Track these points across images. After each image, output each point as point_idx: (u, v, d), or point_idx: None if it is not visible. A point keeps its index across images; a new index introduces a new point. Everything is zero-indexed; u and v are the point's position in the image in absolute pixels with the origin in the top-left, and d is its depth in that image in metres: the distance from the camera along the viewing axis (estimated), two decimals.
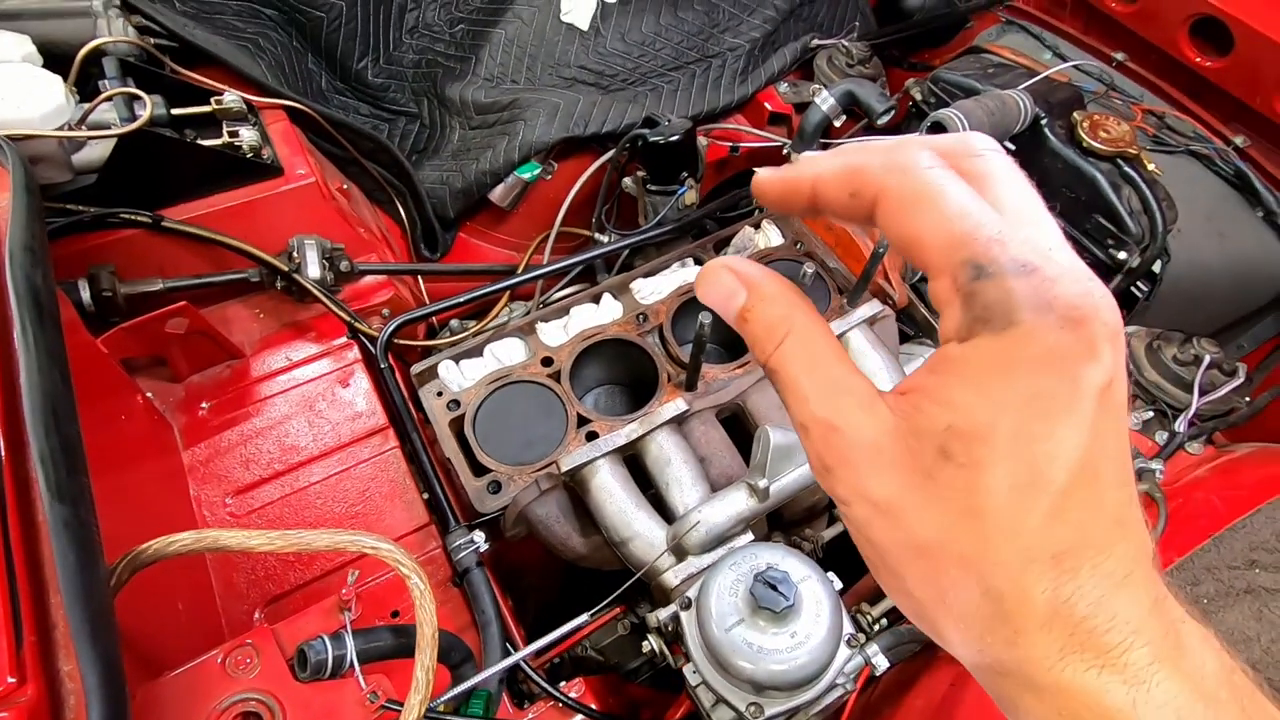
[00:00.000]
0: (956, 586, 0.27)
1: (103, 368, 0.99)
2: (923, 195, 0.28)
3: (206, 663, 0.62)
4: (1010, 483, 0.26)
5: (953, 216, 0.27)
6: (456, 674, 0.78)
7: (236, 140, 1.18)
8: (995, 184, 0.29)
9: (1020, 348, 0.26)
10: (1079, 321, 0.26)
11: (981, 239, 0.26)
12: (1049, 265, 0.26)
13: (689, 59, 1.58)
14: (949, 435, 0.26)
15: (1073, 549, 0.26)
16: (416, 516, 1.10)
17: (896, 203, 0.29)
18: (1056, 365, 0.26)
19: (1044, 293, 0.25)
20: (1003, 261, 0.26)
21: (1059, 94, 1.36)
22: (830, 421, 0.29)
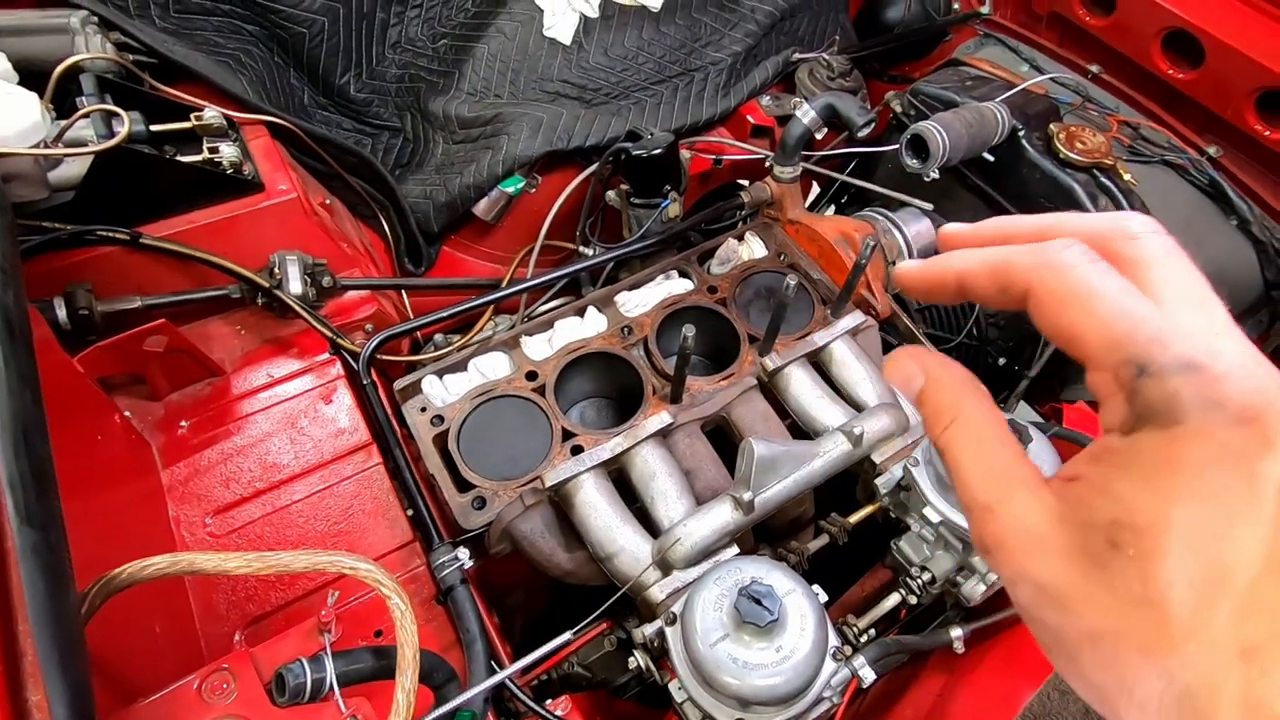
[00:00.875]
0: (1140, 677, 0.26)
1: (78, 387, 0.97)
2: (1077, 295, 0.28)
3: (182, 689, 0.61)
4: (1188, 578, 0.25)
5: (1109, 317, 0.27)
6: (440, 695, 0.77)
7: (217, 156, 1.17)
8: (1153, 270, 0.29)
9: (1190, 446, 0.25)
10: (1252, 418, 0.25)
11: (1141, 339, 0.27)
12: (1216, 361, 0.26)
13: (671, 73, 1.59)
14: (1116, 528, 0.26)
15: (1263, 645, 0.25)
16: (400, 534, 1.08)
17: (1049, 301, 0.29)
18: (1230, 463, 0.25)
19: (1212, 392, 0.25)
20: (1164, 361, 0.26)
21: (1036, 106, 1.38)
22: (990, 505, 0.30)
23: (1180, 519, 0.25)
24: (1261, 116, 1.35)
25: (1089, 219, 0.31)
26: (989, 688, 0.96)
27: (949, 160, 1.25)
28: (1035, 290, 0.29)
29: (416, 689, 0.64)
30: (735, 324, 1.23)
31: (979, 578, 0.91)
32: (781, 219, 1.39)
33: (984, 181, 1.42)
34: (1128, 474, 0.27)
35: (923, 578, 0.94)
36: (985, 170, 1.40)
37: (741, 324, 1.23)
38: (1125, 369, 0.27)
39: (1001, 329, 1.51)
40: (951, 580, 0.95)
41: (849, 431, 0.94)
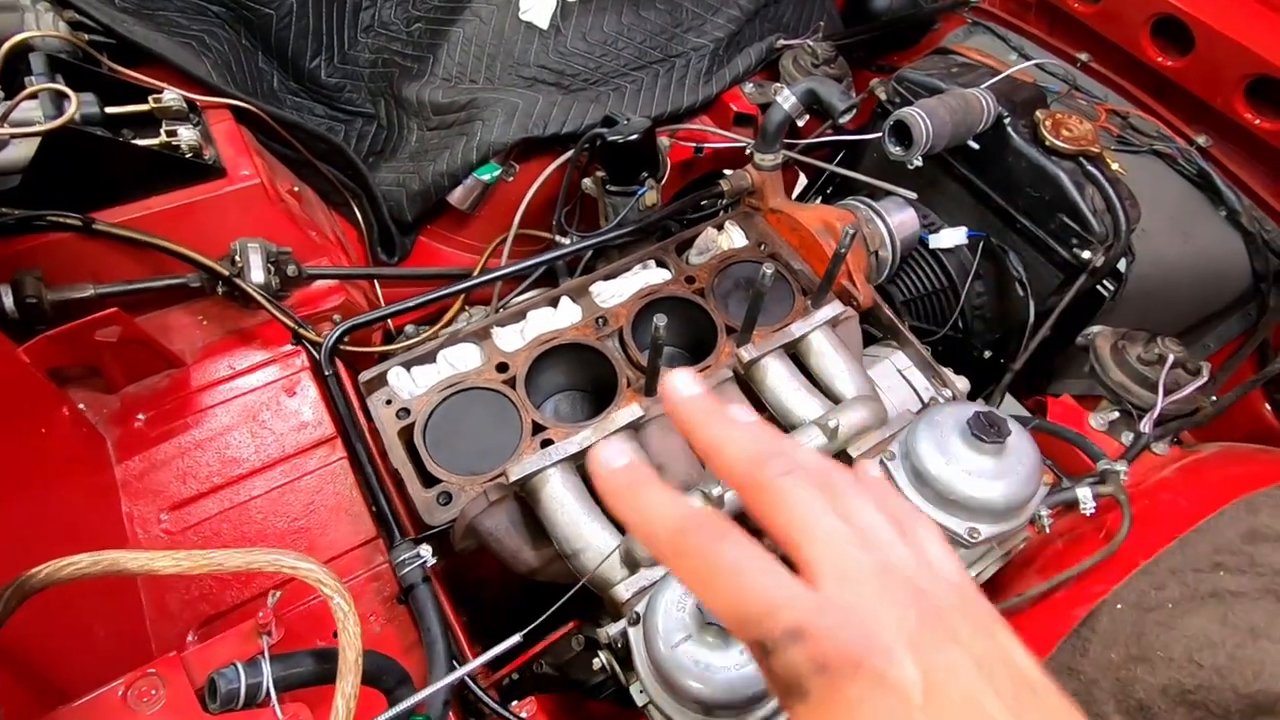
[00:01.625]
0: None
1: (23, 377, 0.93)
2: (701, 579, 0.30)
3: (106, 695, 0.57)
4: None
5: (732, 598, 0.29)
6: (392, 698, 0.74)
7: (175, 140, 1.13)
8: (778, 512, 0.30)
9: (825, 713, 0.27)
10: (856, 663, 0.26)
11: (757, 615, 0.28)
12: (821, 617, 0.27)
13: (652, 58, 1.55)
14: None
15: None
16: (364, 530, 1.05)
17: (689, 584, 0.30)
18: (859, 710, 0.26)
19: (819, 654, 0.27)
20: (777, 635, 0.27)
21: (1022, 93, 1.35)
22: None
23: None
24: (1251, 105, 1.32)
25: (739, 450, 0.32)
26: None
27: (933, 147, 1.22)
28: (679, 570, 0.31)
29: (358, 694, 0.60)
30: (713, 315, 1.20)
31: None
32: (762, 208, 1.36)
33: (969, 170, 1.39)
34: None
35: None
36: (971, 158, 1.37)
37: (719, 315, 1.20)
38: (756, 650, 0.28)
39: (987, 321, 1.49)
40: None
41: (824, 425, 0.91)
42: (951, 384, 1.17)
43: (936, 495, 0.83)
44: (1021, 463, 0.81)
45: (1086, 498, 0.94)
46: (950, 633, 0.28)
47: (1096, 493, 0.96)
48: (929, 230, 1.44)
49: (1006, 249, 1.38)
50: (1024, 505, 0.84)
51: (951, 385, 1.17)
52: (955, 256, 1.45)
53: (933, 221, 1.48)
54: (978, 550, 0.90)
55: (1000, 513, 0.83)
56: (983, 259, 1.41)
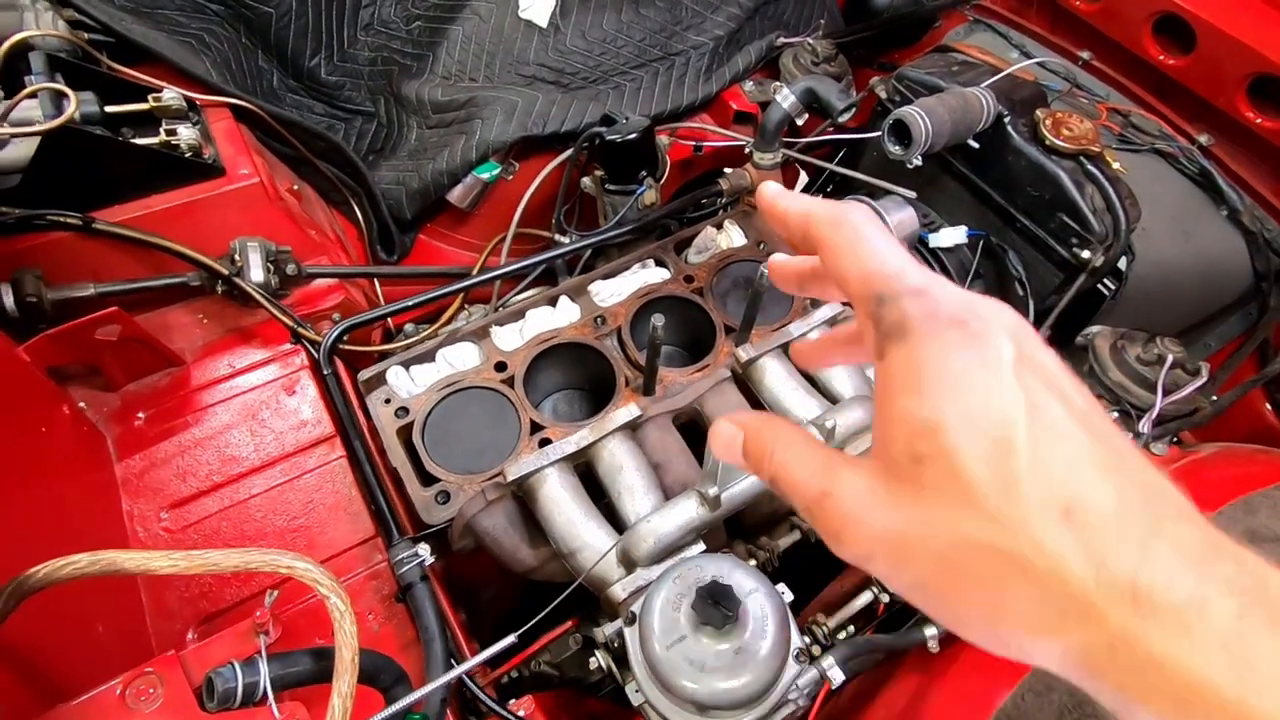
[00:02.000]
0: (1000, 582, 0.27)
1: (23, 376, 0.94)
2: (847, 242, 0.34)
3: (104, 694, 0.58)
4: (983, 456, 0.27)
5: (865, 259, 0.33)
6: (389, 697, 0.74)
7: (174, 139, 1.13)
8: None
9: (922, 348, 0.29)
10: (962, 321, 0.30)
11: (885, 275, 0.32)
12: (937, 289, 0.31)
13: (651, 57, 1.55)
14: (910, 442, 0.29)
15: (1075, 500, 0.26)
16: (362, 529, 1.05)
17: (827, 249, 0.34)
18: (957, 352, 0.29)
19: (930, 306, 0.30)
20: (898, 289, 0.31)
21: (1022, 92, 1.34)
22: (823, 490, 0.32)
23: (947, 410, 0.28)
24: (1253, 104, 1.31)
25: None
26: (962, 688, 0.93)
27: (932, 146, 1.22)
28: (821, 240, 0.35)
29: (354, 693, 0.61)
30: (712, 314, 1.20)
31: None
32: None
33: (969, 169, 1.39)
34: (892, 393, 0.30)
35: None
36: (970, 157, 1.37)
37: (718, 314, 1.20)
38: (870, 301, 0.32)
39: None
40: None
41: (821, 425, 0.91)
42: None
43: None
44: None
45: None
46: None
47: None
48: (929, 229, 1.44)
49: (1006, 248, 1.38)
50: None
51: None
52: (955, 255, 1.45)
53: (932, 220, 1.47)
54: None
55: None
56: (982, 258, 1.41)
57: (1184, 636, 0.24)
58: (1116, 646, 0.25)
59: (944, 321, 0.30)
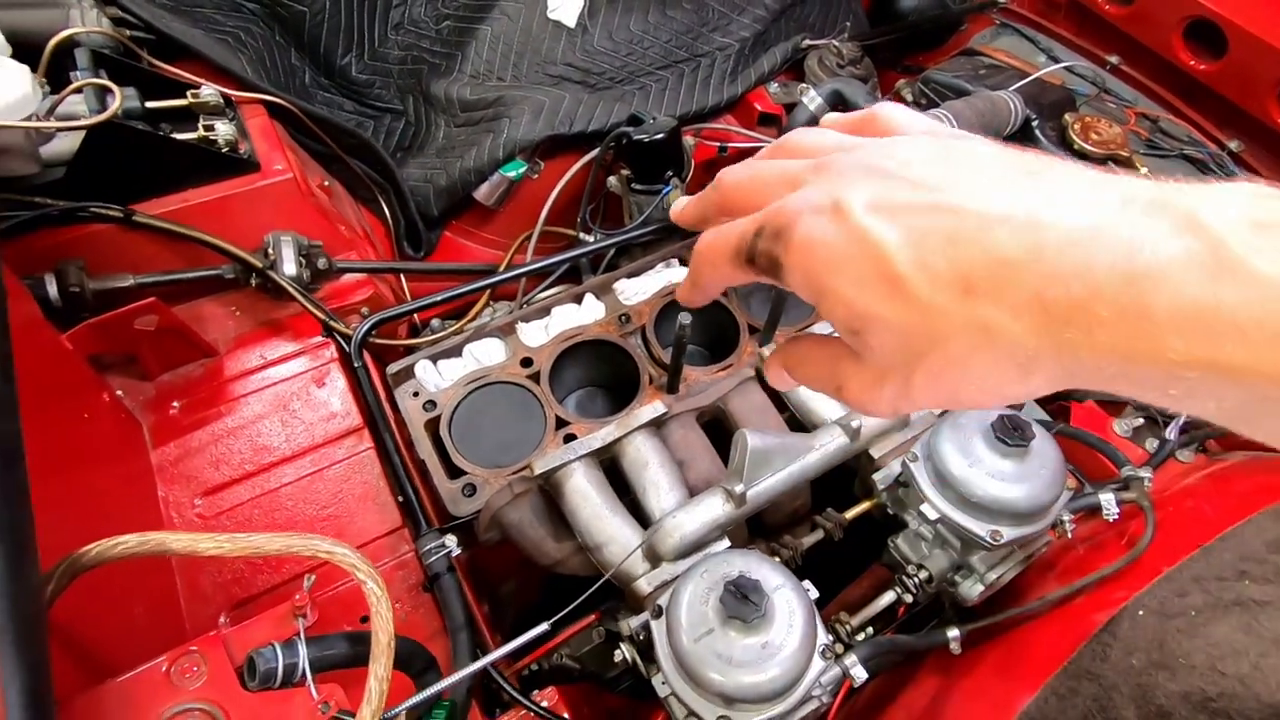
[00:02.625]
0: (967, 355, 0.31)
1: (66, 364, 0.96)
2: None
3: (150, 670, 0.60)
4: (881, 296, 0.32)
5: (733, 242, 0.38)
6: (419, 683, 0.76)
7: (212, 134, 1.16)
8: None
9: (798, 258, 0.34)
10: (789, 218, 0.35)
11: (736, 249, 0.37)
12: (764, 216, 0.36)
13: (678, 58, 1.56)
14: (845, 329, 0.34)
15: (959, 276, 0.30)
16: (390, 519, 1.07)
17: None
18: (814, 237, 0.34)
19: (769, 232, 0.36)
20: (747, 247, 0.37)
21: (1050, 96, 1.34)
22: (836, 386, 0.38)
23: (833, 286, 0.33)
24: None
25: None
26: (985, 690, 0.94)
27: None
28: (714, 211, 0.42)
29: (390, 677, 0.62)
30: (735, 313, 1.20)
31: (977, 577, 0.89)
32: None
33: None
34: (811, 301, 0.36)
35: (919, 576, 0.91)
36: None
37: (742, 314, 1.21)
38: (751, 271, 0.37)
39: None
40: (949, 579, 0.92)
41: (846, 425, 0.92)
42: None
43: (959, 497, 0.84)
44: (1045, 466, 0.81)
45: (1110, 503, 0.94)
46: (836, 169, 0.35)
47: (1120, 499, 0.95)
48: None
49: None
50: (1046, 509, 0.84)
51: None
52: None
53: None
54: (1000, 553, 0.91)
55: (1022, 516, 0.83)
56: None
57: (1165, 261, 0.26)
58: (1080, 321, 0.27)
59: (781, 232, 0.34)
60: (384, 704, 0.61)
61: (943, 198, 0.31)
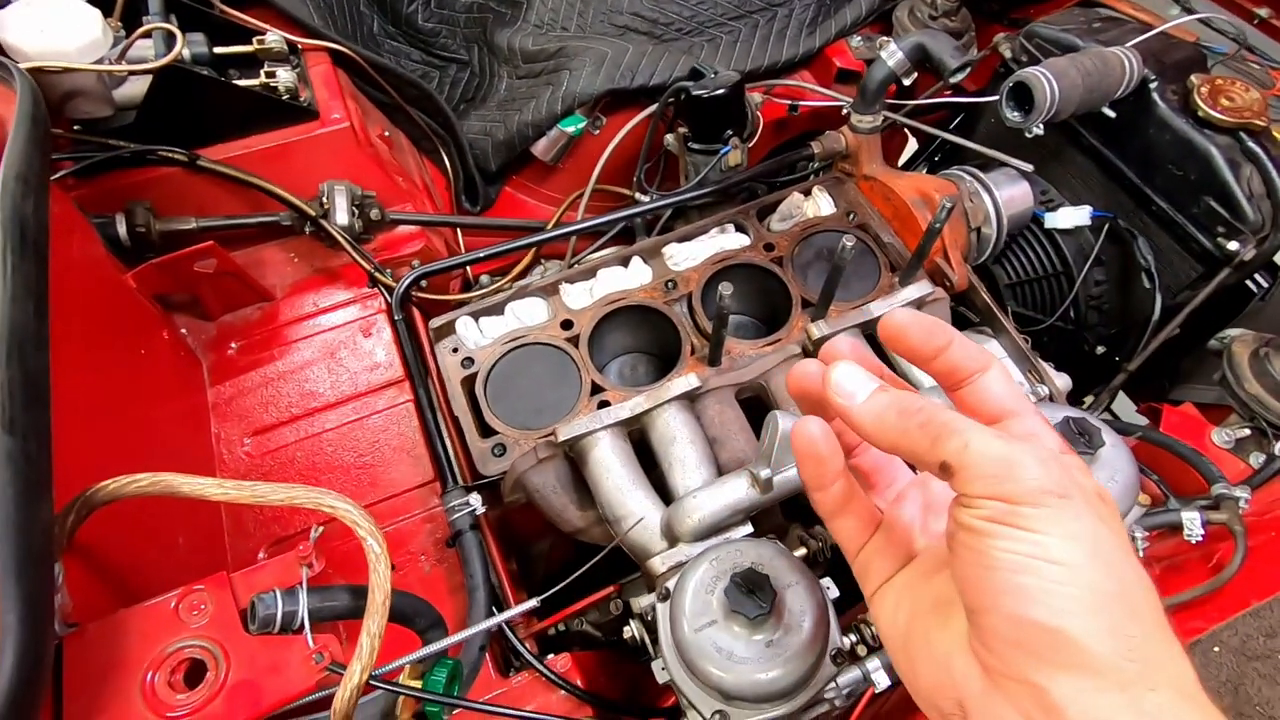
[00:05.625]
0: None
1: (127, 301, 1.01)
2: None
3: (160, 604, 0.62)
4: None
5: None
6: (426, 639, 0.76)
7: (273, 81, 1.17)
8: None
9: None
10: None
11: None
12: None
13: (753, 7, 1.45)
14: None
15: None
16: (423, 472, 1.08)
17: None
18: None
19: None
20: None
21: (1176, 53, 1.17)
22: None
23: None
24: None
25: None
26: None
27: (1058, 114, 1.08)
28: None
29: (383, 634, 0.62)
30: (789, 285, 1.13)
31: None
32: (855, 174, 1.26)
33: (1101, 141, 1.23)
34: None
35: None
36: (1104, 128, 1.21)
37: (796, 286, 1.13)
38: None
39: (1103, 313, 1.33)
40: None
41: None
42: (1050, 380, 1.06)
43: None
44: (1114, 478, 0.72)
45: (1193, 522, 0.83)
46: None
47: (1206, 518, 0.84)
48: (1046, 208, 1.30)
49: (1135, 233, 1.22)
50: None
51: (1049, 382, 1.06)
52: (1074, 239, 1.30)
53: (1052, 198, 1.33)
54: None
55: None
56: (1106, 243, 1.26)
57: None
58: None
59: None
60: (374, 660, 0.61)
61: None
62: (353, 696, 0.60)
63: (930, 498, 0.45)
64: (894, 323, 0.41)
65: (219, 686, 0.59)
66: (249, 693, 0.60)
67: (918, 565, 0.42)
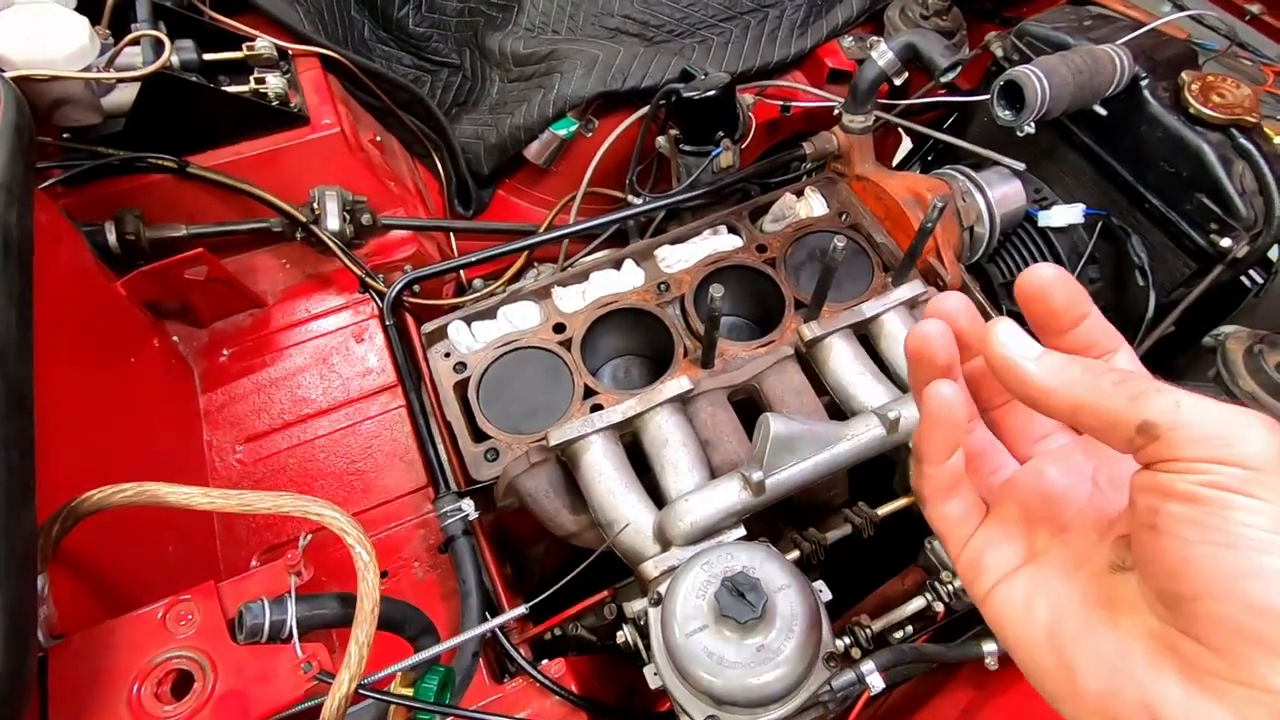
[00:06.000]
0: None
1: (117, 310, 1.00)
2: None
3: (147, 614, 0.62)
4: None
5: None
6: (417, 646, 0.76)
7: (263, 87, 1.17)
8: None
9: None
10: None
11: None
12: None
13: (744, 8, 1.45)
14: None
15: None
16: (416, 478, 1.08)
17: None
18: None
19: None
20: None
21: (1167, 50, 1.17)
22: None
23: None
24: None
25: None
26: (1021, 711, 0.86)
27: (1049, 112, 1.08)
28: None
29: (371, 642, 0.62)
30: (782, 286, 1.13)
31: None
32: (848, 174, 1.26)
33: (1093, 139, 1.23)
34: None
35: (954, 584, 0.84)
36: (1096, 126, 1.21)
37: (789, 287, 1.13)
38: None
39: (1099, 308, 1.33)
40: None
41: (884, 415, 0.84)
42: None
43: None
44: None
45: None
46: None
47: None
48: (1039, 206, 1.30)
49: (1129, 231, 1.22)
50: None
51: None
52: (1068, 237, 1.30)
53: (1045, 196, 1.33)
54: None
55: None
56: (1100, 241, 1.26)
57: None
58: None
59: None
60: (363, 669, 0.61)
61: None
62: (341, 706, 0.60)
63: (1080, 468, 0.39)
64: (1038, 279, 0.36)
65: (206, 697, 0.59)
66: (237, 703, 0.59)
67: (1059, 554, 0.36)
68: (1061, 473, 0.38)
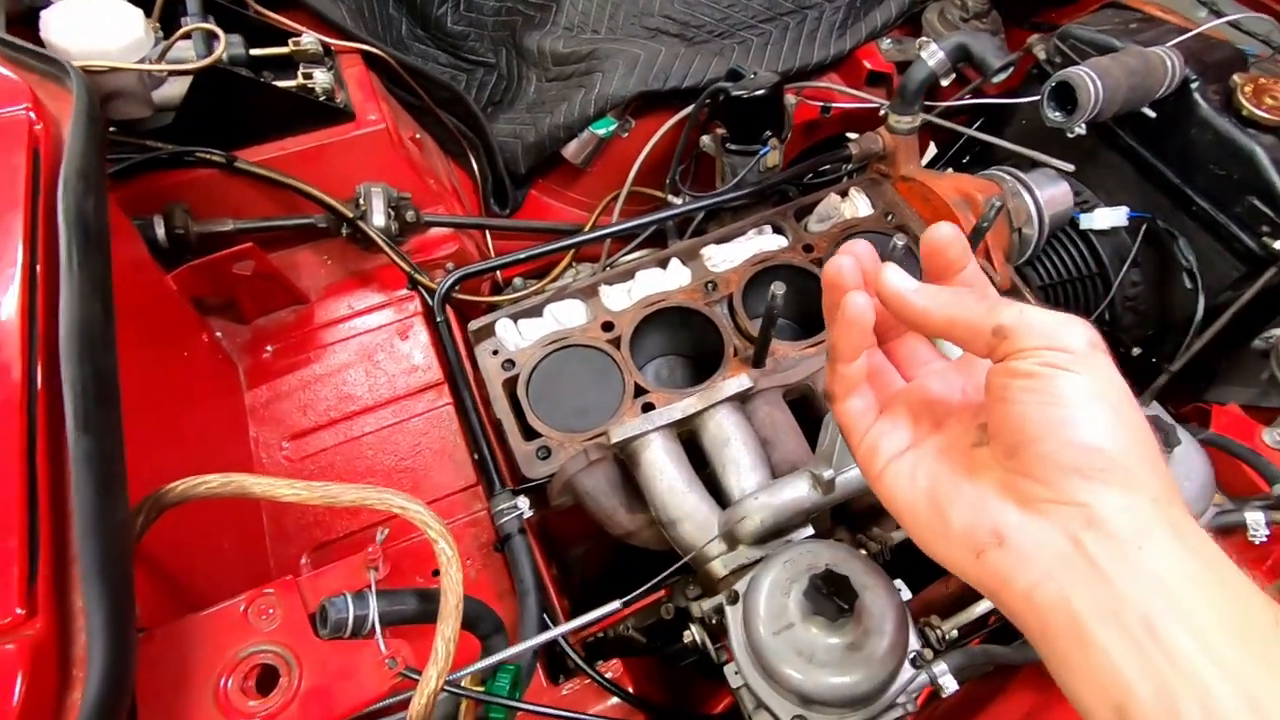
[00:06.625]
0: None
1: (169, 304, 1.00)
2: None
3: (229, 608, 0.60)
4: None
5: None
6: (486, 645, 0.75)
7: (310, 83, 1.16)
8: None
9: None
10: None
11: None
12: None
13: (783, 9, 1.45)
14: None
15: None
16: (465, 476, 1.07)
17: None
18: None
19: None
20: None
21: (1216, 54, 1.17)
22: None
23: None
24: None
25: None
26: None
27: (1100, 114, 1.08)
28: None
29: (457, 638, 0.61)
30: None
31: None
32: (893, 175, 1.26)
33: (1139, 142, 1.23)
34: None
35: None
36: (1141, 129, 1.21)
37: None
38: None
39: (1140, 314, 1.33)
40: None
41: None
42: None
43: None
44: (1189, 478, 0.71)
45: (1258, 523, 0.82)
46: None
47: (1270, 518, 0.83)
48: (1081, 209, 1.29)
49: (1175, 234, 1.22)
50: None
51: None
52: (1110, 240, 1.30)
53: (1087, 199, 1.33)
54: None
55: None
56: (1144, 244, 1.26)
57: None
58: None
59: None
60: (450, 665, 0.60)
61: None
62: (429, 703, 0.58)
63: (953, 382, 0.48)
64: (941, 236, 0.45)
65: (293, 693, 0.58)
66: (322, 699, 0.58)
67: (935, 440, 0.46)
68: (939, 385, 0.48)
